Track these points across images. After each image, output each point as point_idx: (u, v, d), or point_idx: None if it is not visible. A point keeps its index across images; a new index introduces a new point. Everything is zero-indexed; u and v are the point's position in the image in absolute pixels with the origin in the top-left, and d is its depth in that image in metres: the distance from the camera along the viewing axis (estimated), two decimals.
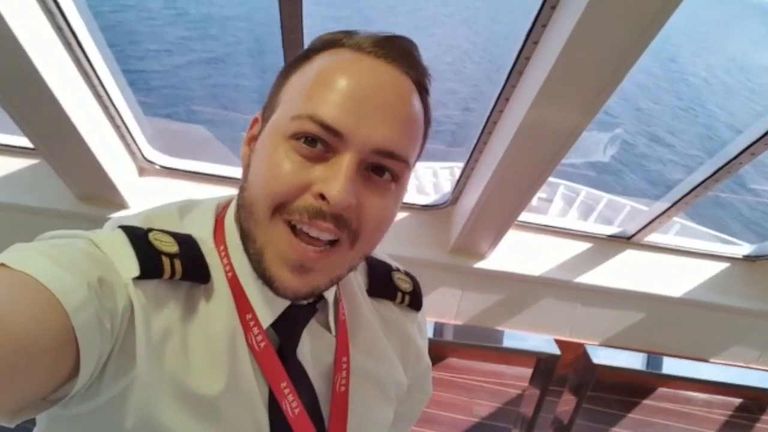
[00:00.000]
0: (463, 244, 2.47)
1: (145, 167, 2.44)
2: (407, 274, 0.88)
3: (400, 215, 2.57)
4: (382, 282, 0.84)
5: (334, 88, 0.59)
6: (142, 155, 2.38)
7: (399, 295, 0.84)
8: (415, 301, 0.86)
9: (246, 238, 0.64)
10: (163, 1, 20.51)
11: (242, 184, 0.66)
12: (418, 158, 0.70)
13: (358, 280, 0.81)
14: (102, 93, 1.99)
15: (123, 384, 0.58)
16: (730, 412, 2.85)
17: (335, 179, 0.57)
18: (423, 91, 0.66)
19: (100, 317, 0.54)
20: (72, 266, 0.54)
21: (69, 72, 1.84)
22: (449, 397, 2.65)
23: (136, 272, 0.59)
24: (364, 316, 0.79)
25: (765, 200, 12.11)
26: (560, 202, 6.00)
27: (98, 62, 1.91)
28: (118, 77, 2.05)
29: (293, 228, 0.60)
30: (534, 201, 4.99)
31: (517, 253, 2.58)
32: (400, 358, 0.83)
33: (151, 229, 0.64)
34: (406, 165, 0.63)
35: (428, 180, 6.18)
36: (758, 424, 2.84)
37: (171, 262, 0.62)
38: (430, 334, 2.29)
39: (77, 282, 0.53)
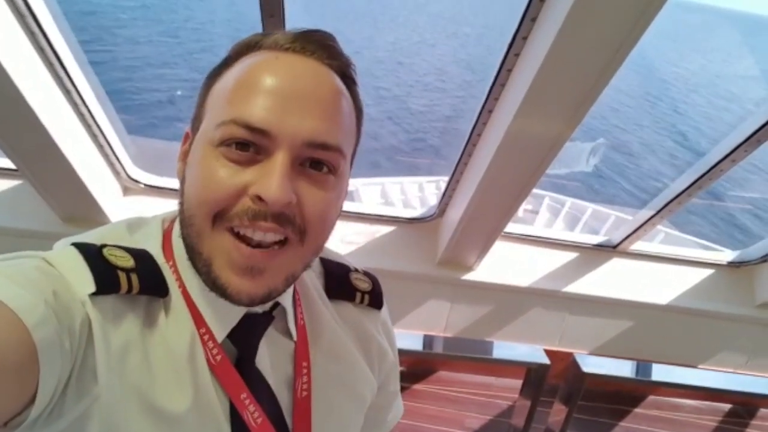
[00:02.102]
0: (451, 257, 2.48)
1: (130, 186, 2.42)
2: (366, 273, 0.88)
3: (387, 229, 2.57)
4: (340, 283, 0.83)
5: (254, 89, 0.59)
6: (127, 174, 2.37)
7: (358, 295, 0.83)
8: (374, 299, 0.85)
9: (192, 252, 0.62)
10: (146, 18, 20.50)
11: (180, 200, 0.65)
12: (354, 152, 0.70)
13: (315, 283, 0.81)
14: (85, 112, 1.98)
15: (86, 403, 0.57)
16: (719, 418, 2.86)
17: (270, 177, 0.57)
18: (348, 80, 0.66)
19: (59, 335, 0.53)
20: (28, 284, 0.54)
21: (51, 91, 1.83)
22: (440, 410, 2.64)
23: (92, 288, 0.58)
24: (324, 320, 0.79)
25: (746, 206, 12.28)
26: (546, 213, 6.05)
27: (80, 81, 1.90)
28: (100, 96, 2.04)
29: (237, 234, 0.59)
30: (520, 212, 5.03)
31: (505, 264, 2.59)
32: (365, 358, 0.83)
33: (105, 245, 0.63)
34: (341, 154, 0.62)
35: (414, 194, 6.20)
36: (747, 429, 2.86)
37: (127, 276, 0.61)
38: (419, 346, 2.29)
39: (35, 299, 0.53)
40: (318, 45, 0.62)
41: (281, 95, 0.58)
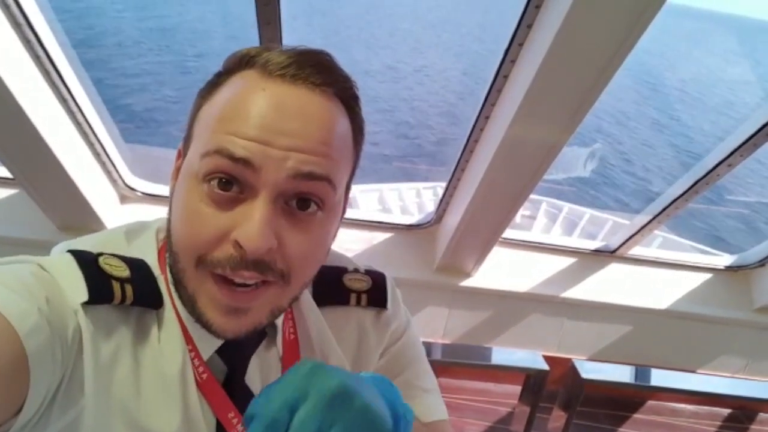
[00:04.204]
0: (449, 263, 2.48)
1: (127, 194, 2.42)
2: (368, 272, 0.82)
3: (385, 235, 2.57)
4: (330, 288, 0.79)
5: (240, 120, 0.57)
6: (124, 182, 2.37)
7: (353, 296, 0.79)
8: (374, 298, 0.80)
9: (177, 282, 0.62)
10: (142, 26, 20.54)
11: (167, 224, 0.64)
12: (352, 175, 0.68)
13: (305, 294, 0.77)
14: (81, 120, 1.98)
15: (72, 415, 0.57)
16: (718, 423, 2.86)
17: (250, 224, 0.55)
18: (347, 100, 0.63)
19: (51, 344, 0.53)
20: (23, 290, 0.53)
21: (47, 99, 1.83)
22: None
23: (85, 297, 0.57)
24: (317, 332, 0.76)
25: (743, 211, 12.31)
26: (543, 219, 6.04)
27: (77, 89, 1.90)
28: (97, 103, 2.04)
29: (219, 276, 0.58)
30: (518, 218, 5.02)
31: (503, 270, 2.59)
32: (355, 361, 0.80)
33: (101, 254, 0.63)
34: (329, 184, 0.59)
35: (412, 200, 6.20)
36: None
37: (122, 286, 0.60)
38: None
39: (29, 307, 0.52)
40: (312, 69, 0.59)
41: (267, 128, 0.56)
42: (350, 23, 31.39)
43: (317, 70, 0.60)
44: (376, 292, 0.81)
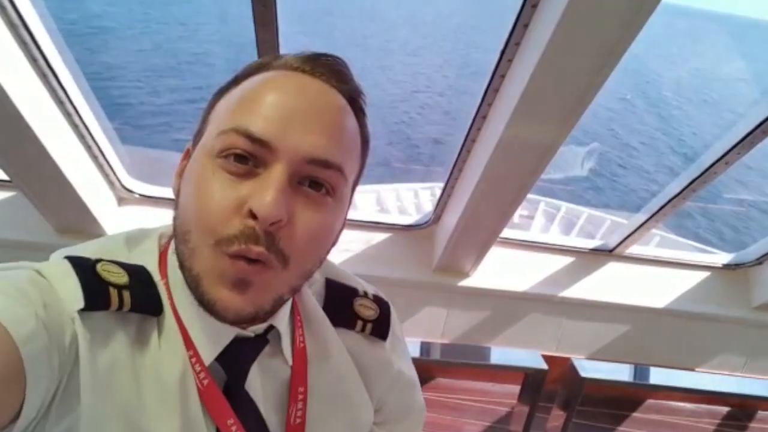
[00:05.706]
0: (447, 263, 2.47)
1: (125, 196, 2.42)
2: (377, 299, 0.83)
3: (383, 236, 2.57)
4: (340, 309, 0.79)
5: (259, 102, 0.58)
6: (121, 184, 2.36)
7: (359, 323, 0.79)
8: (378, 329, 0.80)
9: (183, 266, 0.61)
10: (140, 28, 20.52)
11: (174, 213, 0.64)
12: (358, 178, 0.68)
13: (316, 308, 0.77)
14: (78, 122, 1.98)
15: (68, 423, 0.56)
16: (718, 421, 2.86)
17: (265, 191, 0.55)
18: (356, 108, 0.66)
19: (48, 350, 0.53)
20: (20, 297, 0.53)
21: (43, 101, 1.82)
22: (438, 417, 2.63)
23: (81, 304, 0.57)
24: (330, 345, 0.76)
25: (741, 209, 12.33)
26: (541, 219, 6.06)
27: (73, 91, 1.89)
28: (94, 106, 2.04)
29: (234, 254, 0.57)
30: (516, 218, 5.03)
31: (501, 270, 2.59)
32: (367, 388, 0.80)
33: (99, 260, 0.62)
34: (341, 174, 0.61)
35: (410, 201, 6.20)
36: None
37: (119, 293, 0.60)
38: (416, 353, 2.28)
39: (26, 313, 0.52)
40: (328, 68, 0.63)
41: (286, 109, 0.58)
42: (347, 23, 31.39)
43: (332, 70, 0.63)
44: (380, 324, 0.81)
